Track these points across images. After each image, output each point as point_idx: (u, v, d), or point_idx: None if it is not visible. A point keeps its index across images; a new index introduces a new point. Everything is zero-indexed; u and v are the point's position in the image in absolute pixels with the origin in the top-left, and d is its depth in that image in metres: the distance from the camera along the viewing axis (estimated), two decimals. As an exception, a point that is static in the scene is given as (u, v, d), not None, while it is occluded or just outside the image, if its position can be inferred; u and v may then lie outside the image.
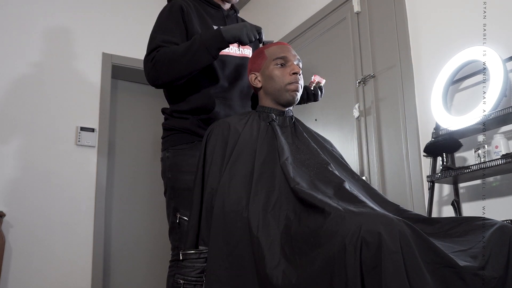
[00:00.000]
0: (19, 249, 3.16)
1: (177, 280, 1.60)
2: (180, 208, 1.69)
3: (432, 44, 2.53)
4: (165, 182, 1.76)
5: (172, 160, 1.74)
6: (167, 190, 1.75)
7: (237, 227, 1.36)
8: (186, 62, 1.61)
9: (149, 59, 1.66)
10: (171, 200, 1.73)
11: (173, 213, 1.70)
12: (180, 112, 1.76)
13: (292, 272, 1.18)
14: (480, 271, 1.14)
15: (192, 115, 1.74)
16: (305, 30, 3.55)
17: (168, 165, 1.74)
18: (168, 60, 1.62)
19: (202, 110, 1.73)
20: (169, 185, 1.73)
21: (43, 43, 3.55)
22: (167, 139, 1.78)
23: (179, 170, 1.72)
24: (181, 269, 1.59)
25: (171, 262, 1.68)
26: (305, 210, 1.32)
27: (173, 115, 1.77)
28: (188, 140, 1.74)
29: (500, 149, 2.01)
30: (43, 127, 3.42)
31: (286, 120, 1.66)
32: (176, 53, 1.62)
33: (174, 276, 1.61)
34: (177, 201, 1.70)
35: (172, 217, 1.71)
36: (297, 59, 1.67)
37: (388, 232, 1.03)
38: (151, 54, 1.66)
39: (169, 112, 1.79)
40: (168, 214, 1.74)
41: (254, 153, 1.51)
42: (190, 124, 1.74)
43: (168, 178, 1.73)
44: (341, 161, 1.65)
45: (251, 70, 1.71)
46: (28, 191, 3.27)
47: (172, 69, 1.63)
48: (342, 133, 3.10)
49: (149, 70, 1.66)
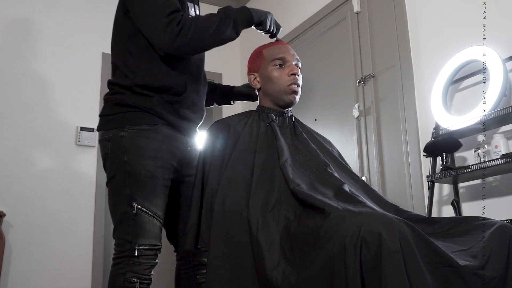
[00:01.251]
0: (19, 249, 3.16)
1: (130, 279, 1.46)
2: (137, 196, 1.50)
3: (432, 44, 2.53)
4: (115, 166, 1.54)
5: (130, 141, 1.53)
6: (118, 175, 1.53)
7: (237, 228, 1.36)
8: (216, 35, 1.52)
9: (173, 21, 1.48)
10: (123, 187, 1.51)
11: (127, 202, 1.50)
12: (143, 87, 1.57)
13: (292, 273, 1.18)
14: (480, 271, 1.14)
15: (158, 93, 1.58)
16: (305, 30, 3.55)
17: (124, 146, 1.52)
18: (200, 30, 1.49)
19: (171, 91, 1.59)
20: (122, 170, 1.52)
21: (43, 43, 3.54)
22: (121, 116, 1.56)
23: (139, 154, 1.53)
24: (133, 266, 1.47)
25: (120, 258, 1.50)
26: (305, 210, 1.32)
27: (132, 90, 1.56)
28: (152, 121, 1.56)
29: (500, 149, 2.01)
30: (43, 127, 3.42)
31: (285, 120, 1.66)
32: (209, 23, 1.51)
33: (126, 274, 1.47)
34: (134, 188, 1.51)
35: (123, 207, 1.51)
36: (296, 59, 1.67)
37: (388, 232, 1.03)
38: (173, 15, 1.49)
39: (126, 85, 1.57)
40: (116, 203, 1.54)
41: (254, 154, 1.51)
42: (155, 103, 1.56)
43: (123, 162, 1.52)
44: (341, 162, 1.65)
45: (250, 70, 1.71)
46: (28, 191, 3.27)
47: (203, 40, 1.51)
48: (342, 133, 3.10)
49: (174, 33, 1.47)
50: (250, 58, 1.73)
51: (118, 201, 1.53)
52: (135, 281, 1.46)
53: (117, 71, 1.63)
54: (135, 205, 1.49)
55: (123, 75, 1.59)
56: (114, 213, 1.55)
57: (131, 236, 1.49)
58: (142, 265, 1.49)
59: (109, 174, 1.57)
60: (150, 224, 1.52)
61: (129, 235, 1.49)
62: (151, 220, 1.52)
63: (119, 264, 1.49)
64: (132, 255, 1.48)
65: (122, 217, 1.51)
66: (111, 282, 1.50)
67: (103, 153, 1.60)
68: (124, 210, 1.51)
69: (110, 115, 1.58)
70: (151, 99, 1.57)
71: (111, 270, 1.52)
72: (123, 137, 1.53)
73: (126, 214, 1.50)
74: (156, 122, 1.57)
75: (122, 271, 1.48)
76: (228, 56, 4.25)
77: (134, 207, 1.49)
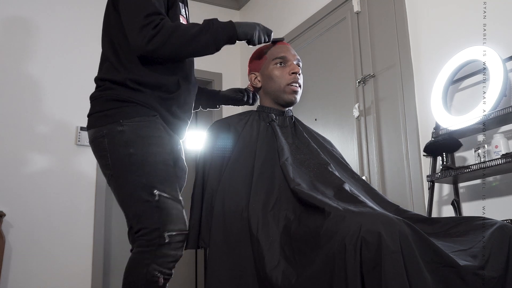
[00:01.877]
0: (19, 249, 3.16)
1: (153, 272, 1.38)
2: (155, 184, 1.45)
3: (432, 44, 2.53)
4: (120, 161, 1.48)
5: (134, 133, 1.48)
6: (125, 168, 1.47)
7: (237, 228, 1.36)
8: (192, 47, 1.49)
9: (150, 24, 1.44)
10: (136, 178, 1.45)
11: (147, 191, 1.44)
12: (135, 82, 1.52)
13: (291, 272, 1.18)
14: (480, 271, 1.14)
15: (151, 89, 1.54)
16: (305, 30, 3.55)
17: (126, 140, 1.47)
18: (177, 38, 1.46)
19: (164, 88, 1.56)
20: (128, 162, 1.46)
21: (43, 43, 3.54)
22: (115, 111, 1.50)
23: (148, 143, 1.48)
24: (159, 258, 1.39)
25: (146, 247, 1.41)
26: (305, 210, 1.32)
27: (126, 84, 1.51)
28: (149, 113, 1.52)
29: (500, 148, 2.01)
30: (43, 127, 3.42)
31: (286, 120, 1.66)
32: (187, 33, 1.47)
33: (149, 266, 1.38)
34: (150, 176, 1.46)
35: (143, 196, 1.44)
36: (297, 59, 1.67)
37: (388, 232, 1.03)
38: (151, 17, 1.45)
39: (118, 80, 1.52)
40: (131, 196, 1.46)
41: (254, 154, 1.51)
42: (149, 98, 1.53)
43: (128, 154, 1.46)
44: (341, 161, 1.65)
45: (251, 70, 1.71)
46: (28, 191, 3.27)
47: (177, 48, 1.48)
48: (342, 133, 3.10)
49: (148, 36, 1.44)
50: (251, 58, 1.73)
51: (134, 191, 1.45)
52: (158, 276, 1.39)
53: (106, 63, 1.58)
54: (157, 192, 1.44)
55: (113, 69, 1.55)
56: (131, 204, 1.47)
57: (158, 223, 1.41)
58: (168, 257, 1.41)
59: (113, 170, 1.49)
60: (175, 209, 1.46)
61: (156, 223, 1.42)
62: (175, 205, 1.47)
63: (145, 253, 1.40)
64: (162, 243, 1.40)
65: (145, 207, 1.44)
66: (131, 268, 1.42)
67: (99, 151, 1.53)
68: (145, 199, 1.43)
69: (103, 111, 1.52)
70: (144, 94, 1.53)
71: (134, 257, 1.42)
72: (123, 131, 1.48)
73: (148, 203, 1.43)
74: (153, 114, 1.53)
75: (146, 261, 1.39)
76: (228, 56, 4.25)
77: (155, 195, 1.43)
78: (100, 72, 1.61)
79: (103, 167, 1.55)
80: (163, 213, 1.43)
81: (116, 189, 1.52)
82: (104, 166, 1.54)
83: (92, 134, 1.55)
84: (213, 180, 1.50)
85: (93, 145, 1.55)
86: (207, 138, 1.60)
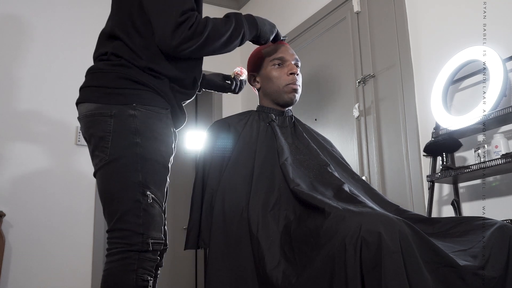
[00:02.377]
0: (19, 249, 3.16)
1: (143, 276, 1.30)
2: (150, 184, 1.34)
3: (432, 44, 2.53)
4: (122, 147, 1.34)
5: (144, 121, 1.36)
6: (126, 158, 1.33)
7: (237, 228, 1.36)
8: (224, 45, 1.43)
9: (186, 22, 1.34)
10: (134, 172, 1.33)
11: (139, 190, 1.33)
12: (155, 71, 1.42)
13: (292, 273, 1.18)
14: (480, 271, 1.14)
15: (169, 80, 1.45)
16: (305, 30, 3.55)
17: (135, 127, 1.35)
18: (212, 38, 1.38)
19: (181, 84, 1.48)
20: (132, 152, 1.34)
21: (43, 43, 3.54)
22: (130, 91, 1.37)
23: (154, 138, 1.37)
24: (143, 262, 1.30)
25: (128, 252, 1.29)
26: (305, 210, 1.32)
27: (144, 70, 1.40)
28: (163, 105, 1.42)
29: (500, 148, 2.01)
30: (43, 127, 3.42)
31: (285, 120, 1.66)
32: (221, 33, 1.41)
33: (138, 271, 1.29)
34: (147, 175, 1.34)
35: (133, 194, 1.32)
36: (295, 59, 1.67)
37: (388, 232, 1.03)
38: (188, 14, 1.35)
39: (138, 64, 1.40)
40: (121, 189, 1.33)
41: (254, 154, 1.51)
42: (167, 87, 1.43)
43: (134, 144, 1.34)
44: (341, 161, 1.65)
45: (250, 71, 1.72)
46: (28, 191, 3.27)
47: (209, 48, 1.40)
48: (342, 133, 3.10)
49: (182, 37, 1.33)
50: (250, 59, 1.73)
51: (125, 187, 1.33)
52: (148, 279, 1.30)
53: (117, 42, 1.44)
54: (150, 194, 1.33)
55: (129, 51, 1.41)
56: (116, 200, 1.33)
57: (143, 228, 1.31)
58: (151, 261, 1.33)
59: (111, 155, 1.34)
60: (159, 216, 1.37)
61: (140, 227, 1.31)
62: (160, 212, 1.38)
63: (128, 259, 1.29)
64: (144, 250, 1.30)
65: (132, 206, 1.32)
66: (116, 278, 1.28)
67: (99, 130, 1.36)
68: (135, 198, 1.32)
69: (113, 88, 1.38)
70: (163, 82, 1.42)
71: (114, 266, 1.29)
72: (134, 116, 1.35)
73: (137, 203, 1.32)
74: (166, 107, 1.43)
75: (132, 267, 1.28)
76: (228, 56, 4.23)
77: (148, 196, 1.33)
78: (108, 47, 1.45)
79: (97, 149, 1.38)
80: (149, 217, 1.33)
81: (105, 176, 1.37)
82: (98, 148, 1.37)
83: (91, 109, 1.38)
84: (213, 180, 1.50)
85: (90, 121, 1.39)
86: (207, 138, 1.60)
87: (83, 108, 1.42)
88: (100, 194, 1.39)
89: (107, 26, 1.52)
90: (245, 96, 4.12)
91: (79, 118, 1.45)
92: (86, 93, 1.43)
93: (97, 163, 1.39)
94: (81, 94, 1.44)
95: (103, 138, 1.36)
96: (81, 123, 1.43)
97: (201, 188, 1.52)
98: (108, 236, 1.35)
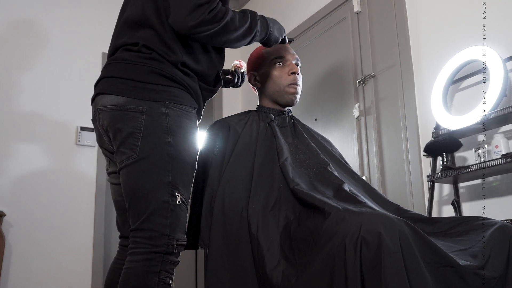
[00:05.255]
0: (19, 249, 3.16)
1: (165, 280, 1.27)
2: (179, 185, 1.32)
3: (432, 44, 2.53)
4: (152, 145, 1.30)
5: (176, 121, 1.33)
6: (157, 157, 1.30)
7: (237, 228, 1.36)
8: (237, 39, 1.41)
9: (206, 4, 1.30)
10: (164, 172, 1.30)
11: (168, 190, 1.30)
12: (187, 67, 1.39)
13: (291, 272, 1.18)
14: (480, 271, 1.14)
15: (198, 77, 1.43)
16: (305, 29, 3.55)
17: (168, 126, 1.31)
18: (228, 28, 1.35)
19: (206, 80, 1.46)
20: (164, 152, 1.31)
21: (43, 43, 3.54)
22: (164, 88, 1.33)
23: (185, 138, 1.34)
24: (167, 264, 1.28)
25: (152, 254, 1.27)
26: (305, 210, 1.32)
27: (178, 67, 1.36)
28: (193, 104, 1.40)
29: (500, 148, 2.01)
30: (43, 127, 3.42)
31: (285, 120, 1.66)
32: (238, 26, 1.38)
33: (160, 274, 1.26)
34: (177, 176, 1.32)
35: (162, 194, 1.29)
36: (296, 59, 1.67)
37: (388, 232, 1.03)
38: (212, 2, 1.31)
39: (172, 60, 1.36)
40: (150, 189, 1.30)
41: (254, 154, 1.51)
42: (197, 86, 1.41)
43: (166, 143, 1.31)
44: (341, 161, 1.65)
45: (250, 70, 1.71)
46: (28, 191, 3.27)
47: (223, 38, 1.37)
48: (342, 133, 3.10)
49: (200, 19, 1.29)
50: (250, 58, 1.73)
51: (154, 187, 1.29)
52: (170, 283, 1.28)
53: (147, 31, 1.37)
54: (178, 195, 1.31)
55: (162, 44, 1.36)
56: (144, 199, 1.29)
57: (169, 230, 1.28)
58: (173, 264, 1.30)
59: (141, 153, 1.29)
60: (184, 218, 1.35)
61: (167, 228, 1.28)
62: (185, 213, 1.36)
63: (153, 261, 1.26)
64: (169, 252, 1.28)
65: (160, 206, 1.29)
66: (139, 279, 1.25)
67: (128, 127, 1.31)
68: (163, 198, 1.29)
69: (144, 82, 1.32)
70: (194, 80, 1.40)
71: (138, 265, 1.26)
72: (167, 114, 1.31)
73: (165, 204, 1.29)
74: (194, 106, 1.41)
75: (156, 269, 1.26)
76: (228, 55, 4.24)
77: (177, 197, 1.30)
78: (137, 37, 1.38)
79: (124, 145, 1.32)
80: (175, 219, 1.31)
81: (133, 175, 1.31)
82: (127, 145, 1.31)
83: (120, 103, 1.32)
84: (213, 180, 1.50)
85: (119, 115, 1.32)
86: (206, 138, 1.60)
87: (108, 100, 1.35)
88: (127, 192, 1.33)
89: (132, 13, 1.43)
90: (245, 96, 4.12)
91: (99, 110, 1.37)
92: (112, 84, 1.36)
93: (123, 160, 1.33)
94: (105, 84, 1.37)
95: (132, 135, 1.31)
96: (105, 115, 1.36)
97: (201, 188, 1.52)
98: (133, 235, 1.32)
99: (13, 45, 3.45)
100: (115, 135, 1.34)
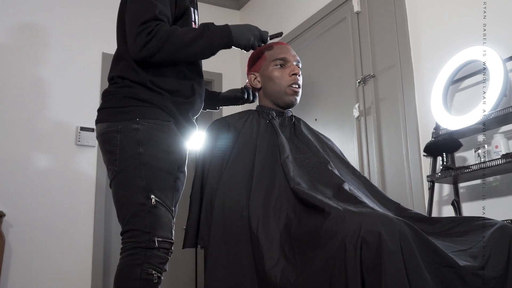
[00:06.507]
0: (19, 249, 3.16)
1: (148, 270, 1.41)
2: (154, 189, 1.48)
3: (432, 44, 2.53)
4: (127, 158, 1.49)
5: (146, 133, 1.50)
6: (131, 167, 1.48)
7: (237, 226, 1.36)
8: (188, 52, 1.51)
9: (144, 31, 1.46)
10: (138, 178, 1.47)
11: (143, 194, 1.46)
12: (156, 85, 1.55)
13: (291, 272, 1.18)
14: (480, 271, 1.14)
15: (169, 94, 1.57)
16: (305, 30, 3.55)
17: (138, 139, 1.49)
18: (172, 44, 1.48)
19: (179, 93, 1.59)
20: (136, 161, 1.48)
21: (43, 43, 3.54)
22: (132, 109, 1.52)
23: (157, 147, 1.50)
24: (150, 258, 1.43)
25: (135, 249, 1.44)
26: (305, 210, 1.32)
27: (146, 85, 1.54)
28: (165, 118, 1.55)
29: (500, 149, 2.01)
30: (43, 127, 3.42)
31: (285, 120, 1.66)
32: (183, 39, 1.49)
33: (143, 266, 1.41)
34: (150, 181, 1.48)
35: (138, 198, 1.46)
36: (297, 60, 1.67)
37: (388, 232, 1.03)
38: (146, 24, 1.47)
39: (140, 81, 1.54)
40: (128, 195, 1.48)
41: (254, 152, 1.51)
42: (168, 102, 1.56)
43: (137, 153, 1.48)
44: (342, 158, 1.65)
45: (251, 70, 1.71)
46: (28, 191, 3.27)
47: (172, 54, 1.50)
48: (342, 133, 3.10)
49: (141, 44, 1.46)
50: (251, 58, 1.73)
51: (131, 193, 1.48)
52: (153, 273, 1.42)
53: (123, 62, 1.58)
54: (153, 198, 1.47)
55: (131, 69, 1.55)
56: (125, 205, 1.48)
57: (149, 228, 1.45)
58: (158, 258, 1.44)
59: (119, 166, 1.50)
60: (166, 218, 1.50)
61: (147, 227, 1.45)
62: (166, 214, 1.50)
63: (135, 255, 1.43)
64: (151, 247, 1.43)
65: (138, 209, 1.46)
66: (124, 272, 1.43)
67: (108, 146, 1.53)
68: (140, 202, 1.46)
69: (119, 107, 1.54)
70: (163, 97, 1.55)
71: (123, 261, 1.44)
72: (137, 129, 1.50)
73: (142, 206, 1.46)
74: (168, 119, 1.55)
75: (138, 262, 1.42)
76: (228, 56, 4.25)
77: (152, 199, 1.46)
78: (116, 70, 1.60)
79: (109, 162, 1.54)
80: (155, 218, 1.47)
81: (116, 186, 1.52)
82: (110, 162, 1.53)
83: (103, 128, 1.55)
84: (213, 179, 1.50)
85: (103, 139, 1.56)
86: (206, 137, 1.60)
87: (98, 128, 1.59)
88: (114, 203, 1.53)
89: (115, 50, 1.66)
90: (245, 96, 4.12)
91: (96, 137, 1.62)
92: (99, 114, 1.60)
93: (110, 175, 1.54)
94: (97, 116, 1.61)
95: (111, 152, 1.52)
96: (98, 141, 1.60)
97: (200, 187, 1.52)
98: (121, 238, 1.50)
99: (13, 45, 3.45)
100: (104, 156, 1.57)
